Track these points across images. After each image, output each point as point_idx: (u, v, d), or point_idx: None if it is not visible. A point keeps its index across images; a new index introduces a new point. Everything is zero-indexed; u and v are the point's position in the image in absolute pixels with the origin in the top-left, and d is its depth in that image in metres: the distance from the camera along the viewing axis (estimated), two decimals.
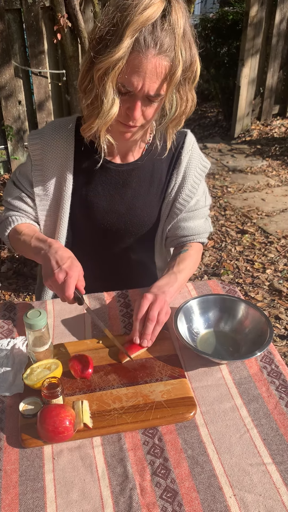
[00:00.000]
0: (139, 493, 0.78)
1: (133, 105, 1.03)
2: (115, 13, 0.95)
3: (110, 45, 0.95)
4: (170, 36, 0.95)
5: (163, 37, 0.95)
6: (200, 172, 1.29)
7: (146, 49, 0.95)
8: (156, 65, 0.97)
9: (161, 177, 1.28)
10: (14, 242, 1.28)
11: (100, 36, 0.98)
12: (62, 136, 1.22)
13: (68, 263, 1.06)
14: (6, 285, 2.71)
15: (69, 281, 1.03)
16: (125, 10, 0.94)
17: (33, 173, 1.25)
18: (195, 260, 1.28)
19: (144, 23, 0.93)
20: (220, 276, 2.81)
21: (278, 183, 4.04)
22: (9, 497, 0.78)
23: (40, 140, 1.22)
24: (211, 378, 1.01)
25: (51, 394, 0.87)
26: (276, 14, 4.64)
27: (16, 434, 0.88)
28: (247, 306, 1.13)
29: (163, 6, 0.94)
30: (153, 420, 0.89)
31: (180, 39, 0.96)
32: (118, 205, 1.28)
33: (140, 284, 1.36)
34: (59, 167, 1.23)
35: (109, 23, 0.96)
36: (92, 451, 0.85)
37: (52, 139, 1.22)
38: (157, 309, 1.04)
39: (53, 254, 1.08)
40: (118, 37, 0.94)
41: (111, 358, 1.04)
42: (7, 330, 1.14)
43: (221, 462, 0.83)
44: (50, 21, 3.64)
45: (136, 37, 0.93)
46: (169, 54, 0.97)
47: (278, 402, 0.95)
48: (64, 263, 1.05)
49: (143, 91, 1.00)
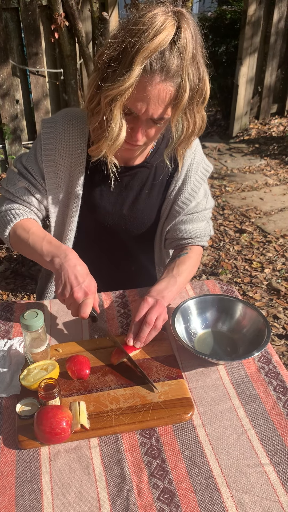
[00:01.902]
0: (136, 494, 0.78)
1: (136, 127, 1.02)
2: (124, 37, 0.93)
3: (119, 72, 0.94)
4: (178, 61, 0.93)
5: (170, 63, 0.92)
6: (202, 175, 1.28)
7: (151, 74, 0.93)
8: (160, 91, 0.95)
9: (163, 179, 1.27)
10: (16, 240, 1.20)
11: (108, 61, 0.96)
12: (76, 128, 1.18)
13: (88, 281, 1.05)
14: (4, 285, 2.70)
15: (88, 301, 1.02)
16: (134, 35, 0.91)
17: (45, 164, 1.20)
18: (194, 263, 1.27)
19: (155, 50, 0.90)
20: (218, 276, 2.81)
21: (277, 182, 4.04)
22: (6, 499, 0.78)
23: (54, 128, 1.18)
24: (208, 378, 1.00)
25: (48, 395, 0.87)
26: (274, 13, 4.63)
27: (13, 435, 0.88)
28: (245, 306, 1.12)
29: (173, 30, 0.91)
30: (150, 421, 0.89)
31: (188, 63, 0.94)
32: (120, 207, 1.28)
33: (139, 284, 1.35)
34: (71, 159, 1.19)
35: (118, 47, 0.94)
36: (89, 452, 0.85)
37: (66, 129, 1.18)
38: (156, 314, 1.04)
39: (72, 267, 1.05)
40: (127, 64, 0.92)
41: (108, 359, 1.04)
42: (4, 330, 1.14)
43: (219, 463, 0.83)
44: (47, 20, 3.63)
45: (144, 64, 0.91)
46: (175, 80, 0.95)
47: (276, 402, 0.94)
48: (84, 281, 1.04)
49: (146, 115, 0.99)
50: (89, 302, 1.03)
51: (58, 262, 1.07)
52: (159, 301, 1.07)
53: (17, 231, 1.19)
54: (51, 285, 1.43)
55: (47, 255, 1.10)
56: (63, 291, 1.03)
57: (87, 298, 1.03)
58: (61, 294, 1.04)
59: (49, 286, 1.43)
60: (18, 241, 1.19)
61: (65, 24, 3.44)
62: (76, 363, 0.98)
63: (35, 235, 1.15)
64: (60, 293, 1.04)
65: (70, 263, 1.06)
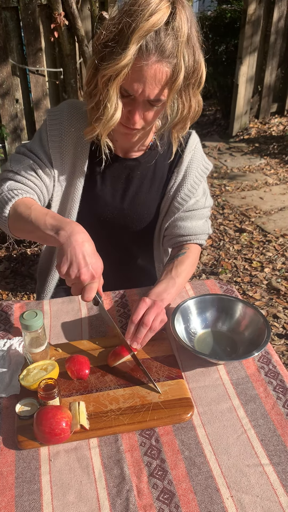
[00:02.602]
0: (136, 494, 0.78)
1: (134, 109, 1.03)
2: (121, 18, 0.94)
3: (115, 52, 0.95)
4: (173, 42, 0.94)
5: (165, 43, 0.94)
6: (201, 172, 1.28)
7: (147, 55, 0.94)
8: (156, 71, 0.96)
9: (163, 175, 1.28)
10: (15, 218, 1.10)
11: (105, 41, 0.98)
12: (80, 116, 1.19)
13: (95, 261, 0.97)
14: (4, 284, 2.70)
15: (93, 285, 0.96)
16: (131, 16, 0.92)
17: (52, 150, 1.18)
18: (193, 263, 1.27)
19: (150, 29, 0.92)
20: (218, 275, 2.80)
21: (276, 182, 4.04)
22: (5, 499, 0.77)
23: (60, 115, 1.19)
24: (208, 378, 1.00)
25: (47, 395, 0.87)
26: (274, 12, 4.63)
27: (12, 435, 0.88)
28: (245, 306, 1.12)
29: (168, 12, 0.93)
30: (150, 421, 0.89)
31: (183, 45, 0.95)
32: (120, 200, 1.28)
33: (138, 282, 1.35)
34: (76, 147, 1.20)
35: (114, 28, 0.96)
36: (89, 452, 0.85)
37: (71, 117, 1.19)
38: (153, 315, 1.04)
39: (80, 244, 0.95)
40: (123, 44, 0.93)
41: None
42: (4, 330, 1.14)
43: (218, 463, 0.83)
44: (47, 19, 3.62)
45: (140, 43, 0.93)
46: (171, 60, 0.96)
47: (276, 402, 0.94)
48: (92, 262, 0.96)
49: (143, 95, 1.00)
50: (94, 286, 0.97)
51: (64, 235, 0.97)
52: (157, 302, 1.07)
53: (18, 208, 1.10)
54: (49, 282, 1.42)
55: (51, 229, 1.00)
56: (68, 271, 0.95)
57: (93, 282, 0.97)
58: (67, 274, 0.95)
59: (47, 283, 1.43)
60: (18, 219, 1.10)
61: (65, 23, 3.43)
62: (75, 363, 0.98)
63: (37, 211, 1.07)
64: (65, 272, 0.95)
65: (77, 239, 0.96)
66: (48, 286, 1.43)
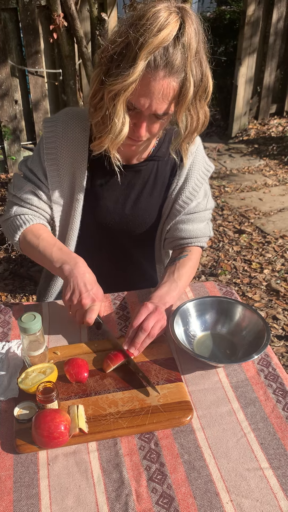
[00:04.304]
0: (135, 499, 0.77)
1: (139, 122, 1.03)
2: (128, 33, 0.93)
3: (123, 67, 0.94)
4: (182, 57, 0.93)
5: (174, 59, 0.93)
6: (203, 175, 1.28)
7: (155, 70, 0.93)
8: (164, 87, 0.95)
9: (164, 178, 1.27)
10: (26, 245, 1.21)
11: (111, 55, 0.96)
12: (78, 125, 1.18)
13: (96, 288, 1.08)
14: (3, 286, 2.70)
15: (94, 307, 1.05)
16: (138, 31, 0.91)
17: (47, 162, 1.20)
18: (194, 265, 1.27)
19: (159, 45, 0.91)
20: (217, 276, 2.80)
21: (276, 183, 4.04)
22: (3, 504, 0.77)
23: (55, 127, 1.18)
24: (207, 381, 1.00)
25: (46, 398, 0.86)
26: (273, 13, 4.63)
27: (11, 439, 0.87)
28: (244, 308, 1.12)
29: (177, 26, 0.92)
30: (149, 424, 0.88)
31: (192, 59, 0.94)
32: (122, 205, 1.28)
33: (138, 285, 1.35)
34: (74, 156, 1.19)
35: (121, 42, 0.94)
36: (88, 456, 0.84)
37: (67, 127, 1.18)
38: (153, 321, 1.04)
39: (81, 275, 1.08)
40: (131, 59, 0.92)
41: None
42: (2, 333, 1.13)
43: (218, 467, 0.82)
44: (46, 20, 3.62)
45: (148, 59, 0.92)
46: (179, 75, 0.95)
47: (275, 405, 0.94)
48: (92, 288, 1.06)
49: (150, 110, 0.99)
50: (95, 308, 1.05)
51: (68, 268, 1.09)
52: (158, 308, 1.06)
53: (27, 236, 1.19)
54: (53, 285, 1.43)
55: (57, 261, 1.12)
56: (71, 297, 1.06)
57: (94, 305, 1.06)
58: (69, 300, 1.06)
59: (51, 286, 1.43)
60: (28, 247, 1.20)
61: (64, 25, 3.43)
62: (74, 366, 0.97)
63: (45, 241, 1.17)
64: (68, 299, 1.06)
65: (79, 270, 1.08)
66: (52, 288, 1.43)
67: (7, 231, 1.25)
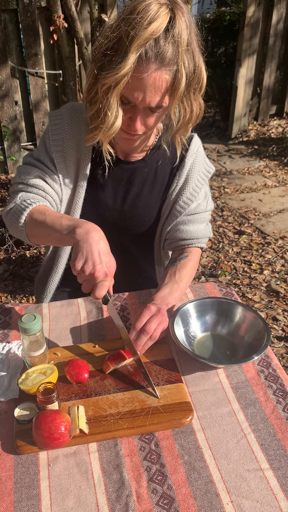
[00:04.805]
0: (135, 500, 0.77)
1: (135, 116, 1.03)
2: (119, 26, 0.94)
3: (115, 61, 0.94)
4: (173, 49, 0.94)
5: (165, 51, 0.93)
6: (203, 176, 1.28)
7: (147, 63, 0.94)
8: (156, 79, 0.96)
9: (164, 178, 1.28)
10: (32, 225, 1.13)
11: (104, 50, 0.97)
12: (82, 119, 1.19)
13: (109, 259, 0.99)
14: (3, 286, 2.70)
15: (105, 283, 0.97)
16: (129, 24, 0.92)
17: (55, 154, 1.19)
18: (194, 266, 1.27)
19: (149, 38, 0.91)
20: (217, 277, 2.80)
21: (275, 184, 4.04)
22: (4, 504, 0.77)
23: (61, 120, 1.19)
24: (208, 382, 1.00)
25: (46, 399, 0.86)
26: (273, 14, 4.63)
27: (11, 440, 0.87)
28: (244, 309, 1.12)
29: (168, 19, 0.92)
30: (149, 425, 0.88)
31: (183, 51, 0.95)
32: (121, 202, 1.29)
33: (137, 285, 1.35)
34: (78, 149, 1.20)
35: (113, 37, 0.95)
36: (88, 457, 0.84)
37: (72, 120, 1.19)
38: (156, 323, 1.04)
39: (96, 242, 0.97)
40: (122, 53, 0.93)
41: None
42: (2, 334, 1.13)
43: (218, 468, 0.82)
44: (46, 22, 3.62)
45: (139, 52, 0.92)
46: (171, 67, 0.96)
47: (276, 406, 0.94)
48: (106, 259, 0.97)
49: (144, 103, 1.00)
50: (106, 284, 0.97)
51: (81, 232, 0.98)
52: (161, 310, 1.06)
53: (33, 215, 1.12)
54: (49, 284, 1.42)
55: (67, 228, 1.02)
56: (83, 267, 0.95)
57: (105, 280, 0.97)
58: (81, 270, 0.96)
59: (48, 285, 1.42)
60: (34, 225, 1.12)
61: (64, 26, 3.43)
62: (74, 367, 0.97)
63: (52, 215, 1.09)
64: (80, 268, 0.96)
65: (93, 236, 0.98)
66: (48, 288, 1.43)
67: (12, 219, 1.17)
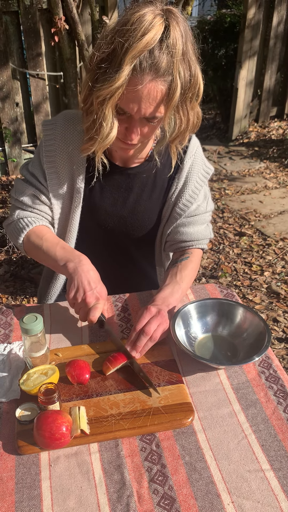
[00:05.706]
0: (136, 500, 0.78)
1: (130, 126, 1.03)
2: (113, 38, 0.93)
3: (109, 73, 0.94)
4: (168, 59, 0.93)
5: (159, 62, 0.92)
6: (202, 177, 1.28)
7: (141, 74, 0.93)
8: (151, 90, 0.95)
9: (163, 181, 1.28)
10: (30, 246, 1.23)
11: (98, 62, 0.97)
12: (76, 128, 1.19)
13: (100, 287, 1.08)
14: (3, 288, 2.70)
15: (98, 306, 1.06)
16: (123, 36, 0.91)
17: (46, 165, 1.21)
18: (195, 267, 1.28)
19: (143, 49, 0.90)
20: (218, 279, 2.80)
21: (276, 185, 4.04)
22: (5, 505, 0.77)
23: (54, 130, 1.20)
24: (209, 383, 1.00)
25: (47, 400, 0.87)
26: (274, 16, 4.64)
27: (12, 440, 0.87)
28: (245, 310, 1.12)
29: (162, 29, 0.91)
30: (150, 426, 0.88)
31: (179, 61, 0.94)
32: (121, 208, 1.28)
33: (138, 286, 1.35)
34: (72, 159, 1.21)
35: (107, 48, 0.95)
36: (89, 457, 0.85)
37: (65, 130, 1.19)
38: (156, 324, 1.04)
39: (86, 273, 1.08)
40: (117, 65, 0.93)
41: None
42: (4, 335, 1.14)
43: (219, 469, 0.83)
44: (47, 23, 3.64)
45: (133, 63, 0.92)
46: (166, 78, 0.95)
47: (276, 407, 0.94)
48: (96, 287, 1.07)
49: (139, 114, 0.99)
50: (99, 307, 1.06)
51: (72, 266, 1.10)
52: (161, 311, 1.07)
53: (30, 238, 1.22)
54: (53, 287, 1.43)
55: (61, 260, 1.13)
56: (75, 295, 1.06)
57: (98, 303, 1.06)
58: (73, 298, 1.06)
59: (51, 287, 1.43)
60: (32, 248, 1.22)
61: (65, 28, 3.44)
62: (76, 368, 0.98)
63: (49, 242, 1.18)
64: (72, 296, 1.06)
65: (83, 268, 1.09)
66: (52, 290, 1.43)
67: (12, 234, 1.27)
